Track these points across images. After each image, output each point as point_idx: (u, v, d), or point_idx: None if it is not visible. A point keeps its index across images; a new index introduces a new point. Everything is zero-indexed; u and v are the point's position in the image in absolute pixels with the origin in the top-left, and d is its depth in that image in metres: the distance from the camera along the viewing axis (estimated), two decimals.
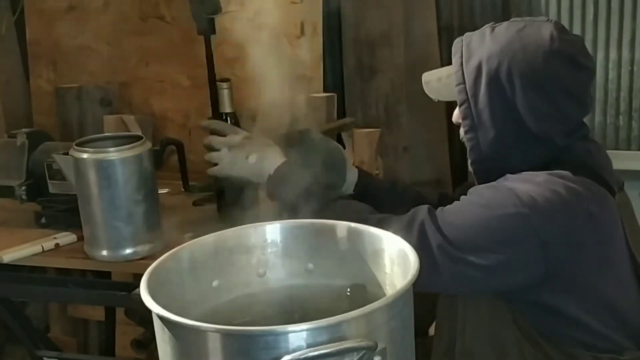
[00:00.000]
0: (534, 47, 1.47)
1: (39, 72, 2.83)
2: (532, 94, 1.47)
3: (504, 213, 1.39)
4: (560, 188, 1.41)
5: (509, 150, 1.51)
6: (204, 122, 1.84)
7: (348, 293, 1.18)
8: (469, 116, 1.52)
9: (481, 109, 1.50)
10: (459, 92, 1.53)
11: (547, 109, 1.48)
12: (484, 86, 1.49)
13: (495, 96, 1.49)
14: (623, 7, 2.63)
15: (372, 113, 2.73)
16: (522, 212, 1.37)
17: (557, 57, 1.47)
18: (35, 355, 2.28)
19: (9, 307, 2.23)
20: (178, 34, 2.60)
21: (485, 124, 1.50)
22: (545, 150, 1.50)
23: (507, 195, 1.40)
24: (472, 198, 1.46)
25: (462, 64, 1.53)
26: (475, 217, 1.41)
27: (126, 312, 2.15)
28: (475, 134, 1.52)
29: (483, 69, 1.49)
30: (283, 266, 1.21)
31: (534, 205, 1.38)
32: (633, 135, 2.75)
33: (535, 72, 1.46)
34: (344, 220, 1.23)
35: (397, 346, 0.95)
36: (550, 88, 1.47)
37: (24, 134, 2.09)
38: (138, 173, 1.77)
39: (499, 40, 1.50)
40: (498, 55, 1.48)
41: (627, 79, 2.70)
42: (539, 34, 1.49)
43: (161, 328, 0.94)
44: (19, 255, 1.86)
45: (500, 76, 1.48)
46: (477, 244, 1.39)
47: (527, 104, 1.47)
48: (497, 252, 1.38)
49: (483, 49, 1.50)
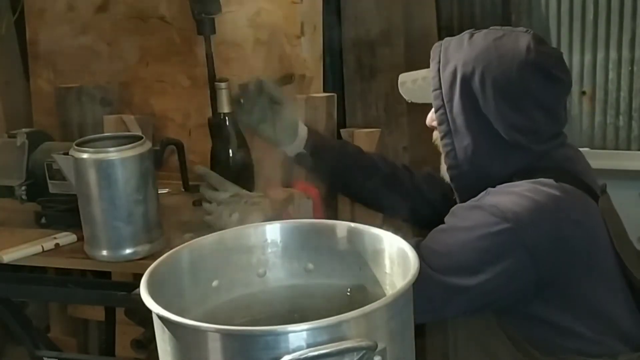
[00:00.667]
0: (509, 57, 1.46)
1: (39, 72, 2.83)
2: (503, 103, 1.46)
3: (488, 232, 1.37)
4: (543, 197, 1.40)
5: (485, 156, 1.50)
6: (199, 169, 1.84)
7: (348, 293, 1.18)
8: (444, 122, 1.51)
9: (456, 115, 1.49)
10: (435, 98, 1.52)
11: (518, 120, 1.47)
12: (458, 92, 1.48)
13: (469, 103, 1.48)
14: (623, 7, 2.62)
15: (372, 113, 2.73)
16: (506, 228, 1.36)
17: (531, 68, 1.46)
18: (35, 355, 2.28)
19: (9, 307, 2.23)
20: (178, 34, 2.60)
21: (460, 130, 1.49)
22: (522, 157, 1.49)
23: (489, 212, 1.39)
24: (455, 221, 1.45)
25: (439, 69, 1.52)
26: (460, 242, 1.40)
27: (126, 312, 2.14)
28: (451, 140, 1.51)
29: (458, 74, 1.48)
30: (283, 266, 1.21)
31: (517, 218, 1.37)
32: (633, 135, 2.74)
33: (508, 82, 1.45)
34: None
35: (397, 346, 0.95)
36: (522, 99, 1.46)
37: (24, 134, 2.09)
38: (138, 173, 1.77)
39: (475, 47, 1.49)
40: (473, 62, 1.47)
41: (627, 79, 2.70)
42: (516, 44, 1.48)
43: (161, 328, 0.94)
44: (19, 255, 1.86)
45: (473, 83, 1.47)
46: (463, 267, 1.37)
47: (498, 114, 1.46)
48: (486, 272, 1.37)
49: (459, 55, 1.50)
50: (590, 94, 2.75)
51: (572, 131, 2.79)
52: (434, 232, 1.44)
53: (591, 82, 2.73)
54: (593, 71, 2.72)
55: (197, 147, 2.31)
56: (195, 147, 2.30)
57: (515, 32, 1.52)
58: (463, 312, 1.47)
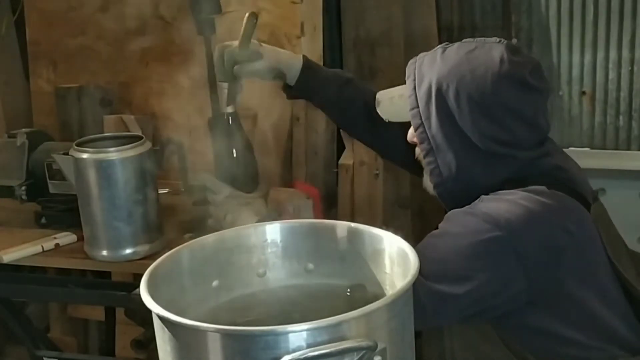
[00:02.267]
0: (482, 70, 1.44)
1: (39, 72, 2.83)
2: (479, 117, 1.44)
3: (480, 239, 1.36)
4: (536, 205, 1.40)
5: (469, 170, 1.48)
6: (204, 176, 1.84)
7: (348, 293, 1.18)
8: (425, 140, 1.50)
9: (435, 132, 1.48)
10: (414, 117, 1.51)
11: (496, 132, 1.45)
12: (435, 109, 1.47)
13: (446, 119, 1.47)
14: (623, 7, 2.62)
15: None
16: (498, 235, 1.36)
17: (505, 80, 1.44)
18: (35, 355, 2.28)
19: (9, 307, 2.23)
20: (178, 34, 2.60)
21: (441, 147, 1.48)
22: (507, 165, 1.48)
23: (481, 219, 1.38)
24: (448, 227, 1.43)
25: (415, 87, 1.51)
26: (452, 248, 1.38)
27: (126, 312, 2.15)
28: (434, 158, 1.50)
29: (433, 91, 1.47)
30: (283, 266, 1.21)
31: (509, 225, 1.36)
32: (633, 135, 2.74)
33: (482, 95, 1.44)
34: None
35: (397, 346, 0.95)
36: (498, 112, 1.44)
37: (24, 134, 2.09)
38: (138, 173, 1.78)
39: (448, 62, 1.48)
40: (446, 78, 1.46)
41: (627, 79, 2.70)
42: (489, 56, 1.46)
43: (161, 328, 0.95)
44: (19, 255, 1.86)
45: (448, 99, 1.46)
46: (454, 275, 1.36)
47: (474, 127, 1.45)
48: (476, 279, 1.35)
49: (433, 71, 1.49)
50: (590, 94, 2.74)
51: (572, 131, 2.79)
52: (427, 238, 1.44)
53: (591, 82, 2.73)
54: (593, 71, 2.72)
55: (197, 147, 2.31)
56: (195, 147, 2.30)
57: (489, 43, 1.50)
58: (454, 320, 1.46)
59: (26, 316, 2.37)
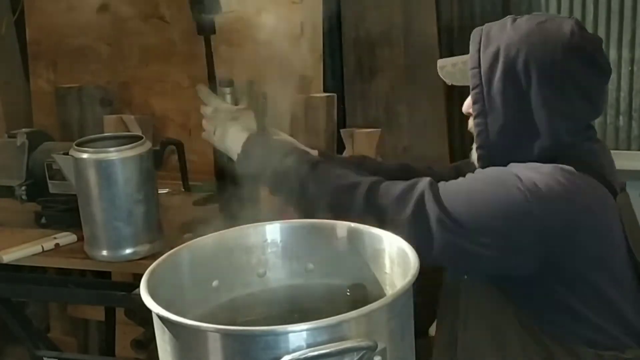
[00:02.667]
0: (553, 41, 1.47)
1: (39, 72, 2.83)
2: (546, 87, 1.46)
3: (507, 195, 1.38)
4: (564, 180, 1.41)
5: (515, 140, 1.50)
6: (199, 86, 1.81)
7: (348, 293, 1.18)
8: (479, 101, 1.51)
9: (494, 95, 1.49)
10: (473, 76, 1.51)
11: (560, 105, 1.47)
12: (500, 73, 1.48)
13: (510, 84, 1.47)
14: (623, 7, 2.63)
15: (372, 113, 2.73)
16: (523, 197, 1.37)
17: (575, 52, 1.46)
18: (35, 355, 2.28)
19: (9, 307, 2.23)
20: (178, 34, 2.60)
21: (495, 110, 1.49)
22: (550, 145, 1.50)
23: (511, 178, 1.40)
24: (478, 176, 1.46)
25: (480, 50, 1.52)
26: (478, 194, 1.40)
27: (126, 312, 2.15)
28: (485, 120, 1.51)
29: (500, 55, 1.48)
30: (283, 266, 1.21)
31: (536, 192, 1.38)
32: (633, 135, 2.74)
33: (552, 66, 1.46)
34: (329, 187, 1.31)
35: (397, 346, 0.95)
36: (566, 85, 1.47)
37: (24, 134, 2.09)
38: (138, 173, 1.78)
39: (519, 31, 1.49)
40: (517, 45, 1.47)
41: (627, 79, 2.70)
42: (560, 28, 1.48)
43: (161, 328, 0.94)
44: (19, 255, 1.86)
45: (517, 65, 1.47)
46: (475, 220, 1.38)
47: (540, 97, 1.46)
48: (494, 233, 1.37)
49: (502, 37, 1.50)
50: None
51: None
52: (453, 181, 1.45)
53: None
54: None
55: (197, 147, 2.31)
56: (195, 147, 2.30)
57: (559, 17, 1.54)
58: (458, 265, 1.48)
59: (26, 316, 2.37)
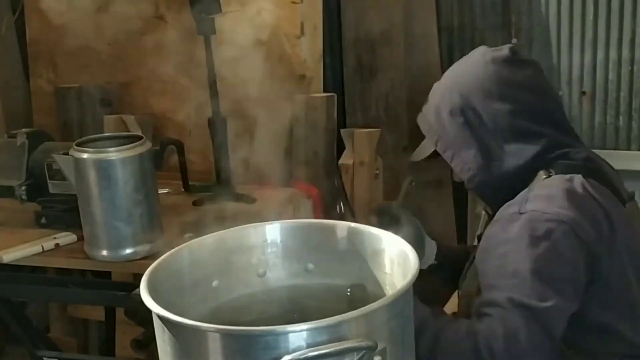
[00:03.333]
0: (471, 67, 1.57)
1: (39, 72, 2.83)
2: (487, 102, 1.53)
3: (551, 239, 1.36)
4: (578, 189, 1.43)
5: (493, 156, 1.53)
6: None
7: (348, 293, 1.18)
8: (446, 148, 1.58)
9: (453, 136, 1.56)
10: (430, 137, 1.61)
11: (507, 108, 1.52)
12: (446, 118, 1.56)
13: (458, 120, 1.55)
14: (623, 7, 2.62)
15: (372, 113, 2.73)
16: (565, 229, 1.37)
17: (492, 63, 1.55)
18: (35, 355, 2.28)
19: (9, 307, 2.22)
20: (178, 34, 2.60)
21: (462, 146, 1.55)
22: (531, 144, 1.51)
23: (543, 220, 1.38)
24: (510, 237, 1.41)
25: (424, 117, 1.63)
26: (526, 258, 1.36)
27: (126, 312, 2.14)
28: (460, 158, 1.56)
29: (440, 105, 1.58)
30: (283, 266, 1.21)
31: (567, 216, 1.38)
32: (633, 135, 2.74)
33: (481, 83, 1.54)
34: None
35: (397, 346, 0.95)
36: (500, 90, 1.53)
37: (24, 134, 2.09)
38: (138, 173, 1.77)
39: (443, 81, 1.62)
40: (446, 89, 1.58)
41: (627, 79, 2.70)
42: (472, 57, 1.60)
43: (161, 328, 0.95)
44: (19, 255, 1.86)
45: (454, 102, 1.55)
46: (540, 285, 1.34)
47: (489, 113, 1.52)
48: (565, 278, 1.36)
49: (434, 96, 1.61)
50: (590, 94, 2.75)
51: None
52: (485, 253, 1.44)
53: (591, 82, 2.73)
54: (593, 71, 2.72)
55: (197, 147, 2.31)
56: (195, 147, 2.30)
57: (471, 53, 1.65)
58: (555, 338, 1.38)
59: (26, 316, 2.37)
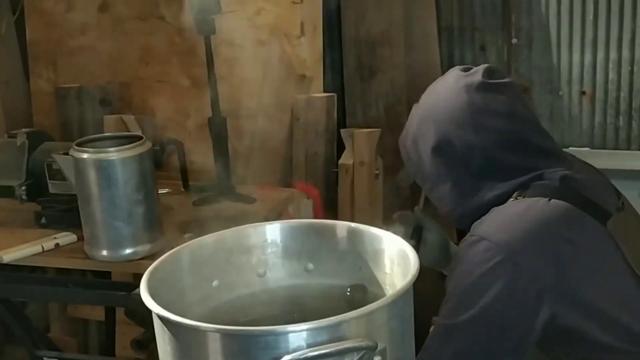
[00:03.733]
0: (443, 95, 1.50)
1: (39, 72, 2.83)
2: (460, 134, 1.47)
3: (487, 268, 1.34)
4: (531, 224, 1.39)
5: (470, 192, 1.50)
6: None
7: (348, 293, 1.18)
8: (424, 181, 1.55)
9: (430, 169, 1.52)
10: (410, 167, 1.58)
11: (482, 139, 1.47)
12: (421, 149, 1.52)
13: (432, 154, 1.50)
14: (623, 7, 2.62)
15: (372, 113, 2.73)
16: (502, 259, 1.34)
17: (466, 92, 1.48)
18: (35, 355, 2.28)
19: (9, 307, 2.23)
20: (178, 34, 2.60)
21: (439, 178, 1.52)
22: (511, 179, 1.47)
23: (482, 249, 1.37)
24: (454, 276, 1.41)
25: (404, 142, 1.59)
26: (460, 284, 1.37)
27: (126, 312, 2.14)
28: (437, 192, 1.54)
29: (417, 137, 1.53)
30: (283, 266, 1.21)
31: (508, 246, 1.35)
32: (633, 135, 2.74)
33: (452, 114, 1.48)
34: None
35: (397, 346, 0.95)
36: (473, 119, 1.47)
37: (24, 134, 2.09)
38: (138, 173, 1.77)
39: (420, 106, 1.56)
40: (419, 119, 1.53)
41: (627, 79, 2.70)
42: (446, 82, 1.52)
43: (161, 328, 0.95)
44: (19, 255, 1.86)
45: (427, 134, 1.50)
46: (463, 306, 1.34)
47: (462, 145, 1.47)
48: (487, 303, 1.33)
49: (412, 122, 1.56)
50: (590, 94, 2.75)
51: (572, 131, 2.79)
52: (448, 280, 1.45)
53: (591, 82, 2.73)
54: (593, 71, 2.72)
55: (197, 147, 2.31)
56: (195, 147, 2.30)
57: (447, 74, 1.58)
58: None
59: (26, 316, 2.37)
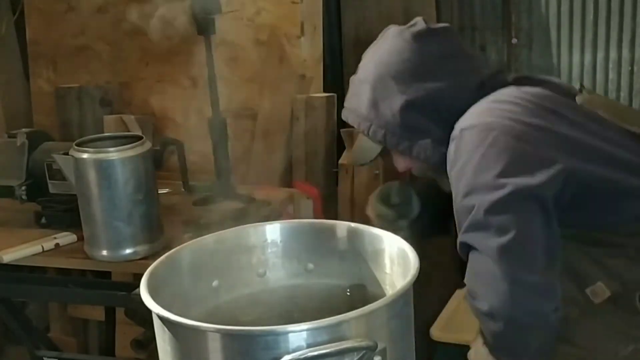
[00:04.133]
0: (395, 51, 1.53)
1: (39, 72, 2.84)
2: (425, 84, 1.50)
3: (487, 146, 1.36)
4: (509, 104, 1.43)
5: (448, 131, 1.48)
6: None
7: (348, 293, 1.18)
8: (399, 142, 1.53)
9: (403, 129, 1.51)
10: (374, 134, 1.54)
11: (446, 84, 1.50)
12: (389, 109, 1.51)
13: (406, 109, 1.50)
14: (623, 7, 2.62)
15: None
16: (497, 134, 1.36)
17: (415, 42, 1.53)
18: (35, 355, 2.28)
19: (9, 307, 2.23)
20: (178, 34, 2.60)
21: (418, 133, 1.51)
22: (466, 99, 1.50)
23: (474, 134, 1.39)
24: (458, 172, 1.41)
25: (353, 112, 1.59)
26: (469, 168, 1.37)
27: (126, 312, 2.14)
28: (418, 146, 1.52)
29: (378, 100, 1.53)
30: (283, 266, 1.21)
31: (499, 123, 1.38)
32: None
33: (412, 65, 1.51)
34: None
35: (397, 346, 0.95)
36: (434, 66, 1.51)
37: (24, 134, 2.09)
38: (138, 173, 1.78)
39: (366, 72, 1.58)
40: (379, 80, 1.54)
41: (627, 79, 2.70)
42: (389, 41, 1.56)
43: (161, 328, 0.95)
44: (19, 255, 1.86)
45: (394, 92, 1.51)
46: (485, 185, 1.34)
47: (428, 96, 1.49)
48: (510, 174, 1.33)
49: (362, 89, 1.57)
50: None
51: None
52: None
53: (591, 82, 2.73)
54: (593, 71, 2.72)
55: (197, 147, 2.31)
56: (195, 147, 2.30)
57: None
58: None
59: (26, 316, 2.37)
